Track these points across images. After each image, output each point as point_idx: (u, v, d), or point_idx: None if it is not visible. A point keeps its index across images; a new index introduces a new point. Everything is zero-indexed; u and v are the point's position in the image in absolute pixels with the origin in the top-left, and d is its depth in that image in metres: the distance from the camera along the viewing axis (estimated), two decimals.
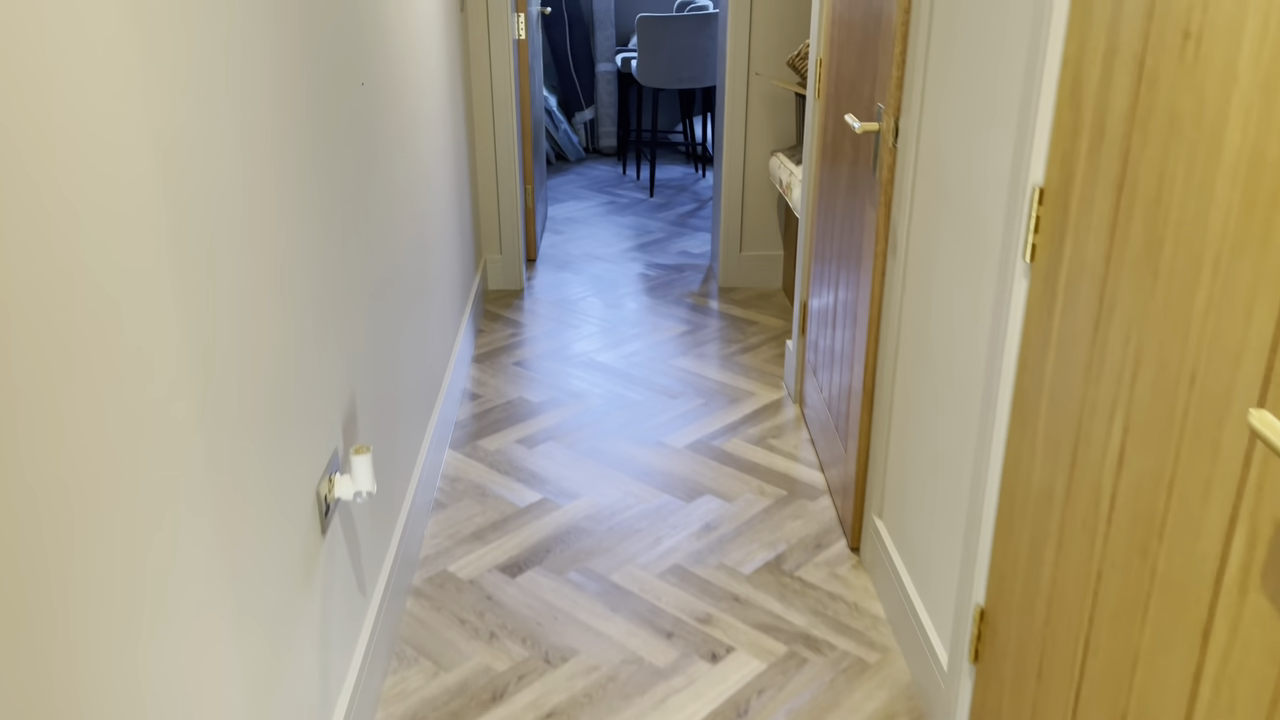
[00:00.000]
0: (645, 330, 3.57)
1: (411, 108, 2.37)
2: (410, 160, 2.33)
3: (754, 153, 3.81)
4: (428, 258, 2.55)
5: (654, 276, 4.13)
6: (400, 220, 2.19)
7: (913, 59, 1.87)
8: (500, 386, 3.13)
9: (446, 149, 2.95)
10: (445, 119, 2.95)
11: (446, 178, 2.93)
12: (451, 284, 2.99)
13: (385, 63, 2.08)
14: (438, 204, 2.75)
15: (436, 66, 2.82)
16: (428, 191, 2.58)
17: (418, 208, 2.43)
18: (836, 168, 2.45)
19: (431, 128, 2.68)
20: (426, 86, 2.62)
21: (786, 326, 3.59)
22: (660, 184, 5.66)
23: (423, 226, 2.48)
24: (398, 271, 2.16)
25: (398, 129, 2.20)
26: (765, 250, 3.96)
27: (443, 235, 2.83)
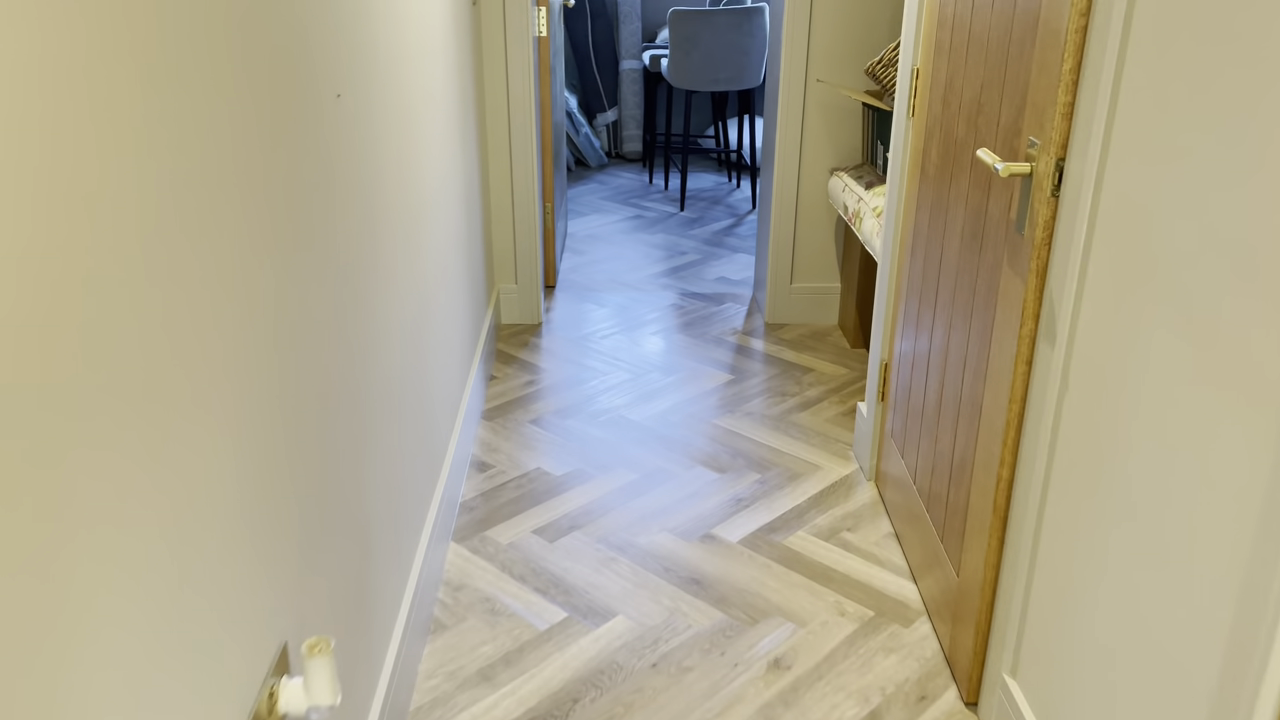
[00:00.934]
0: (681, 379, 3.05)
1: (410, 127, 1.87)
2: (409, 203, 1.83)
3: (810, 170, 3.30)
4: (428, 326, 2.05)
5: (689, 309, 3.62)
6: (395, 299, 1.69)
7: (1092, 78, 1.36)
8: (514, 453, 2.62)
9: (455, 172, 2.45)
10: (454, 134, 2.44)
11: (454, 209, 2.43)
12: (458, 334, 2.49)
13: (373, 68, 1.57)
14: (443, 247, 2.25)
15: (443, 70, 2.31)
16: (431, 237, 2.08)
17: (419, 272, 1.93)
18: (945, 208, 1.93)
19: (437, 149, 2.18)
20: (430, 96, 2.12)
21: (849, 376, 3.08)
22: (691, 195, 5.15)
23: (424, 292, 1.98)
24: (388, 375, 1.66)
25: (391, 158, 1.69)
26: (820, 282, 3.44)
27: (449, 283, 2.33)
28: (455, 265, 2.46)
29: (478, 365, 2.83)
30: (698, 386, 3.01)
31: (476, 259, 2.89)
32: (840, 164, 3.29)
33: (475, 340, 2.86)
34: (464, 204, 2.65)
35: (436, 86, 2.22)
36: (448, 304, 2.33)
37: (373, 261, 1.58)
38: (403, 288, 1.81)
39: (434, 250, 2.16)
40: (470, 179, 2.78)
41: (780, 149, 3.26)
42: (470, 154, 2.78)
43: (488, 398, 2.93)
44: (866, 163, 3.13)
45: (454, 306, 2.43)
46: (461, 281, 2.58)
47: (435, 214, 2.20)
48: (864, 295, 3.21)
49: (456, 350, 2.48)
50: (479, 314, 2.93)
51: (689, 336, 3.38)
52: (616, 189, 5.28)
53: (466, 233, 2.69)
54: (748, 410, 2.86)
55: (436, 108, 2.21)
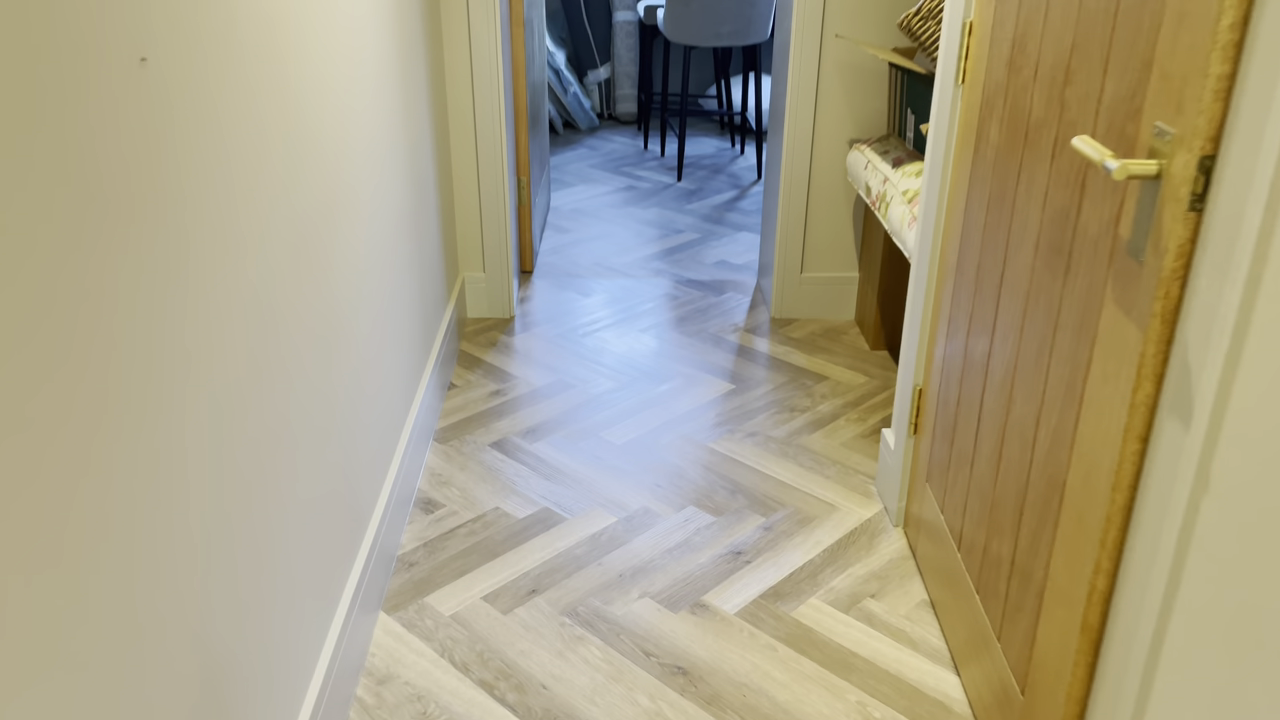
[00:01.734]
0: (674, 389, 2.61)
1: (304, 95, 1.41)
2: (310, 189, 1.38)
3: (825, 142, 2.82)
4: (350, 335, 1.60)
5: (685, 300, 3.16)
6: (287, 309, 1.25)
7: (1271, 37, 0.90)
8: (469, 487, 2.18)
9: (395, 145, 1.99)
10: (391, 100, 1.98)
11: (395, 189, 1.97)
12: (403, 337, 2.04)
13: (221, 17, 1.11)
14: (377, 235, 1.79)
15: (373, 23, 1.84)
16: (351, 226, 1.62)
17: (327, 270, 1.47)
18: (1010, 206, 1.47)
19: (363, 119, 1.72)
20: (345, 56, 1.65)
21: (869, 385, 2.63)
22: (690, 163, 4.66)
23: (338, 295, 1.53)
24: (279, 406, 1.21)
25: (271, 134, 1.24)
26: (835, 271, 2.98)
27: (386, 276, 1.88)
28: (396, 255, 2.01)
29: (431, 372, 2.38)
30: (693, 399, 2.56)
31: (430, 245, 2.44)
32: (861, 135, 2.82)
33: (429, 342, 2.41)
34: (409, 182, 2.19)
35: (360, 44, 1.75)
36: (385, 303, 1.89)
37: (233, 263, 1.13)
38: (301, 292, 1.36)
39: (357, 241, 1.71)
40: (420, 151, 2.32)
41: (791, 117, 2.79)
42: (419, 122, 2.31)
43: (443, 412, 2.49)
44: (893, 134, 2.66)
45: (395, 305, 1.98)
46: (407, 273, 2.13)
47: (360, 198, 1.74)
48: (888, 288, 2.75)
49: (401, 358, 2.04)
50: (434, 310, 2.48)
51: (684, 335, 2.92)
52: (607, 155, 4.80)
53: (414, 215, 2.23)
54: (750, 430, 2.42)
55: (359, 69, 1.75)
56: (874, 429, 2.42)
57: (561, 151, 4.85)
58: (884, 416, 2.48)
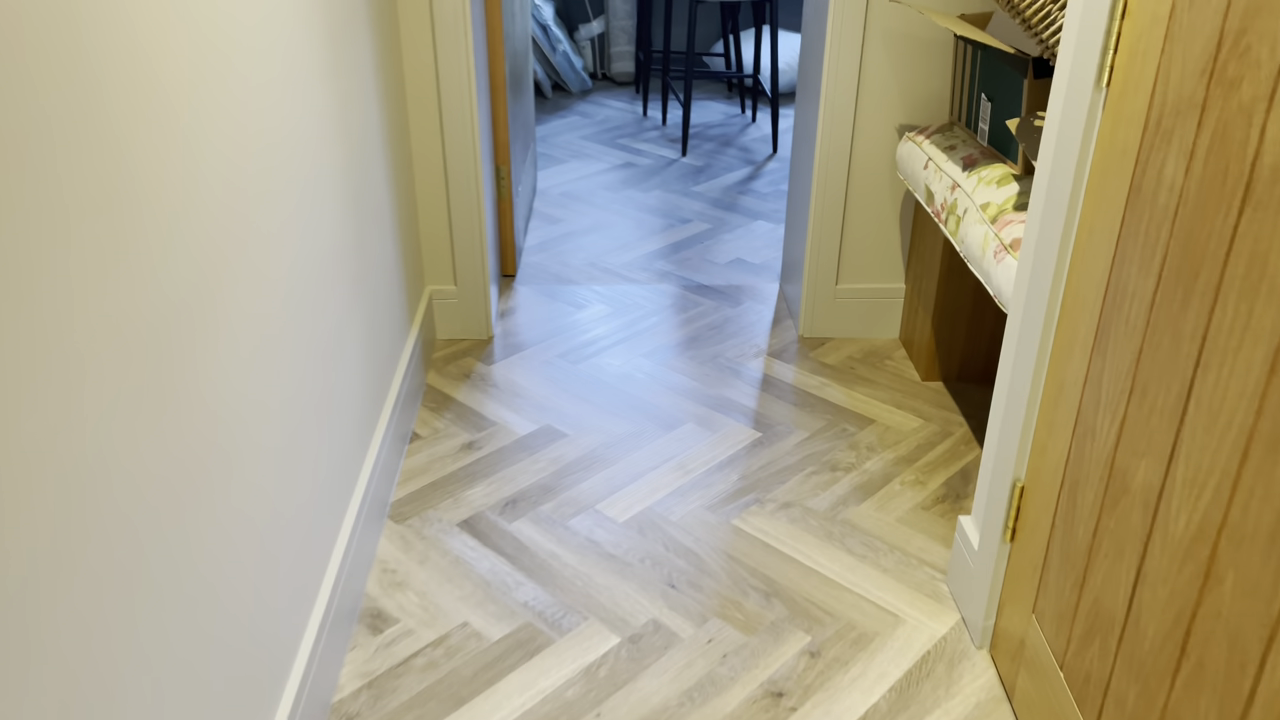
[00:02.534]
0: (690, 438, 2.13)
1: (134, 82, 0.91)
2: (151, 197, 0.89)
3: (869, 128, 2.32)
4: (237, 396, 1.12)
5: (696, 312, 2.67)
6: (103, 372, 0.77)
7: None
8: (430, 590, 1.71)
9: (323, 137, 1.48)
10: (313, 81, 1.47)
11: (323, 191, 1.46)
12: (347, 395, 1.56)
13: None
14: (306, 275, 1.30)
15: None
16: (243, 245, 1.13)
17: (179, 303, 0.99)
18: (1213, 287, 0.98)
19: (264, 103, 1.22)
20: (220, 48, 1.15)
21: (926, 432, 2.15)
22: (696, 133, 4.13)
23: (222, 339, 1.05)
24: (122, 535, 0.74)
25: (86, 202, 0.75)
26: (876, 282, 2.49)
27: (323, 324, 1.38)
28: (328, 291, 1.51)
29: (387, 424, 1.90)
30: (710, 452, 2.08)
31: (383, 263, 1.94)
32: (914, 122, 2.31)
33: (384, 384, 1.93)
34: (347, 193, 1.69)
35: (258, 22, 1.24)
36: (313, 362, 1.40)
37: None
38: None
39: (261, 298, 1.21)
40: (365, 150, 1.81)
41: (827, 95, 2.27)
42: (362, 113, 1.80)
43: (403, 475, 2.01)
44: (957, 123, 2.15)
45: (330, 357, 1.49)
46: (348, 309, 1.64)
47: (266, 236, 1.24)
48: (946, 307, 2.27)
49: (342, 422, 1.55)
50: (391, 341, 1.99)
51: (697, 361, 2.44)
52: (602, 124, 4.26)
53: (356, 231, 1.74)
54: (784, 499, 1.94)
55: (261, 60, 1.24)
56: (937, 497, 1.95)
57: (550, 119, 4.31)
58: (948, 479, 2.01)
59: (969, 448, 2.10)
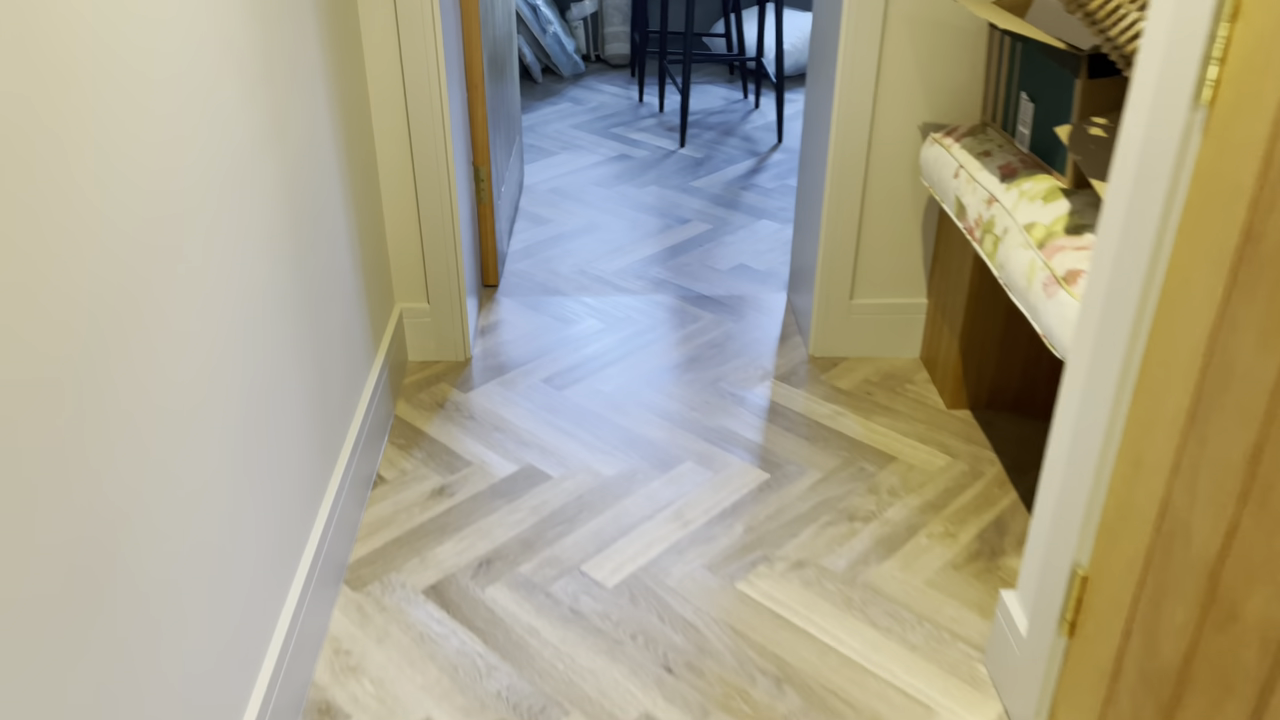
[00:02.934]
0: (689, 480, 1.89)
1: None
2: None
3: (889, 126, 2.06)
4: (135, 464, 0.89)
5: (696, 328, 2.43)
6: None
7: None
8: (389, 678, 1.48)
9: (259, 138, 1.24)
10: (249, 71, 1.22)
11: (256, 201, 1.21)
12: (291, 448, 1.32)
13: None
14: (232, 311, 1.06)
15: None
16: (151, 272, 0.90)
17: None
18: None
19: (174, 99, 0.98)
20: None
21: (953, 472, 1.91)
22: (695, 120, 3.87)
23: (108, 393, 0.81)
24: None
25: None
26: (895, 297, 2.25)
27: (256, 371, 1.14)
28: (259, 309, 1.27)
29: (346, 466, 1.67)
30: (712, 497, 1.85)
31: (339, 277, 1.70)
32: (939, 120, 2.05)
33: (343, 421, 1.69)
34: (280, 198, 1.44)
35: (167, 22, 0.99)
36: (240, 388, 1.16)
37: None
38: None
39: (171, 353, 0.98)
40: (308, 152, 1.56)
41: (842, 87, 2.02)
42: (305, 110, 1.55)
43: (363, 529, 1.78)
44: (991, 124, 1.90)
45: (262, 387, 1.25)
46: (288, 330, 1.40)
47: (175, 277, 1.00)
48: (976, 328, 2.02)
49: (290, 460, 1.32)
50: (350, 371, 1.75)
51: (697, 386, 2.20)
52: (595, 111, 4.00)
53: (294, 243, 1.49)
54: (796, 557, 1.71)
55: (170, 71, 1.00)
56: (970, 553, 1.72)
57: (539, 107, 4.04)
58: (981, 531, 1.77)
59: (1003, 491, 1.87)
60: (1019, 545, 1.74)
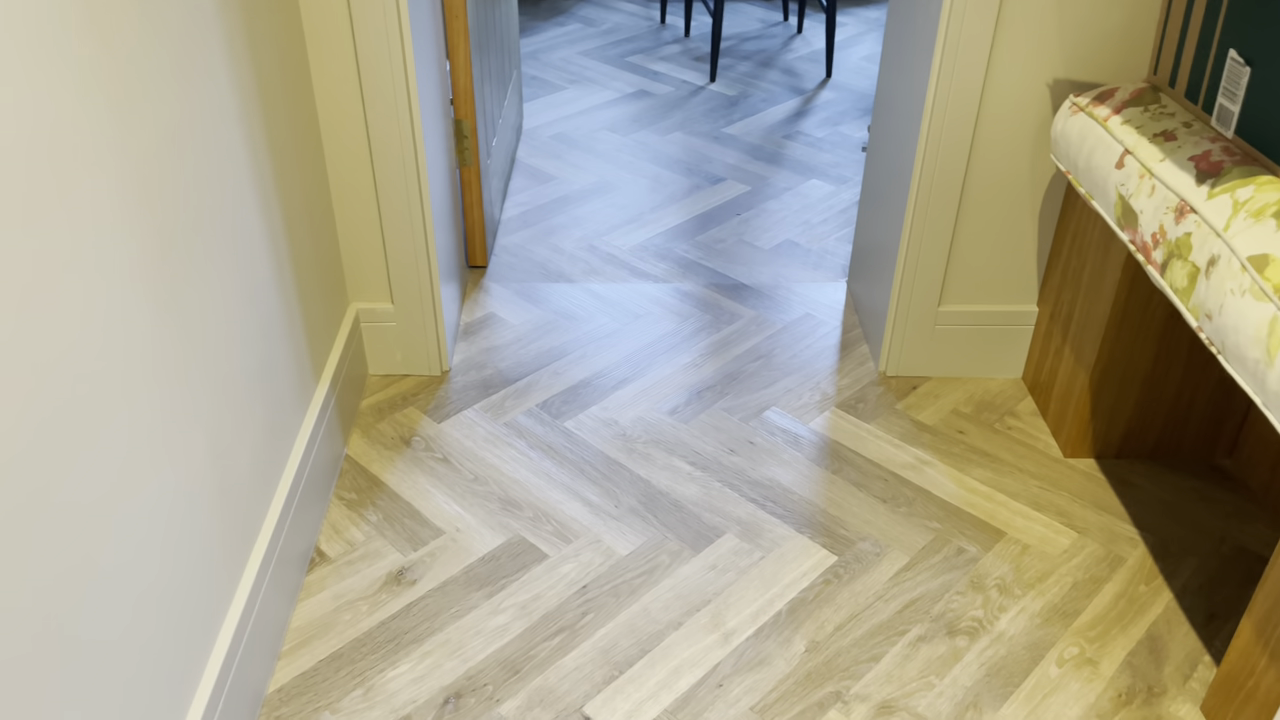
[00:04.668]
0: (730, 560, 1.41)
1: None
2: None
3: (1006, 81, 1.53)
4: None
5: (732, 330, 1.92)
6: None
7: None
8: None
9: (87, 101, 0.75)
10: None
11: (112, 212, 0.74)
12: (194, 524, 0.85)
13: None
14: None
15: None
16: None
17: None
18: None
19: None
20: None
21: (1086, 559, 1.43)
22: (727, 49, 3.30)
23: None
24: None
25: None
26: (996, 303, 1.74)
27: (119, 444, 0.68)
28: (106, 358, 0.79)
29: (271, 542, 1.21)
30: (760, 596, 1.37)
31: (258, 284, 1.20)
32: (1083, 77, 1.51)
33: (269, 478, 1.21)
34: (135, 182, 0.94)
35: None
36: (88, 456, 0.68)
37: None
38: None
39: None
40: (197, 100, 1.05)
41: (949, 23, 1.48)
42: (177, 48, 1.04)
43: (291, 635, 1.31)
44: (1166, 90, 1.36)
45: (119, 457, 0.77)
46: (164, 375, 0.91)
47: None
48: (1117, 354, 1.52)
49: (180, 557, 0.85)
50: (279, 407, 1.27)
51: (735, 417, 1.71)
52: (610, 34, 3.42)
53: (159, 240, 1.00)
54: (879, 696, 1.24)
55: None
56: (1118, 691, 1.25)
57: (542, 29, 3.46)
58: (1129, 655, 1.30)
59: (1152, 590, 1.39)
60: (1184, 679, 1.27)
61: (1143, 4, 1.46)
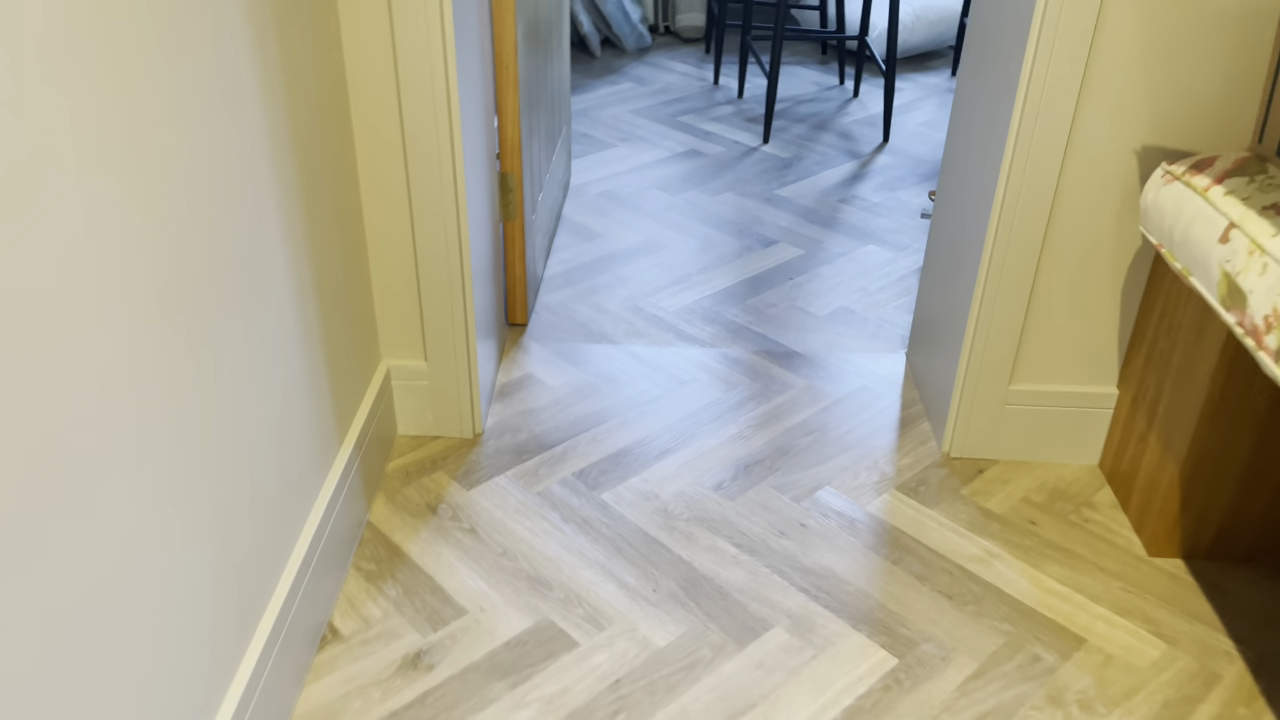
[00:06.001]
0: (779, 659, 1.28)
1: None
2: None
3: (1090, 146, 1.42)
4: None
5: (783, 400, 1.81)
6: None
7: None
8: None
9: None
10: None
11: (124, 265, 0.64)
12: (195, 624, 0.75)
13: None
14: None
15: None
16: None
17: None
18: None
19: None
20: None
21: (1178, 675, 1.28)
22: (782, 109, 3.23)
23: None
24: None
25: None
26: (1072, 384, 1.61)
27: None
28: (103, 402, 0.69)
29: (278, 620, 1.10)
30: (813, 700, 1.24)
31: (282, 341, 1.11)
32: (1174, 144, 1.40)
33: (279, 548, 1.11)
34: (149, 214, 0.85)
35: None
36: None
37: None
38: None
39: None
40: (217, 152, 0.97)
41: (1033, 82, 1.38)
42: (213, 103, 0.96)
43: None
44: (1274, 158, 1.24)
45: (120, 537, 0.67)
46: (176, 441, 0.81)
47: None
48: (1210, 446, 1.38)
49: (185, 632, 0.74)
50: (296, 468, 1.17)
51: (786, 496, 1.58)
52: (662, 94, 3.36)
53: (198, 309, 0.90)
54: None
55: None
56: None
57: (595, 87, 3.42)
58: None
59: (1254, 715, 1.23)
60: None
61: (1240, 68, 1.35)
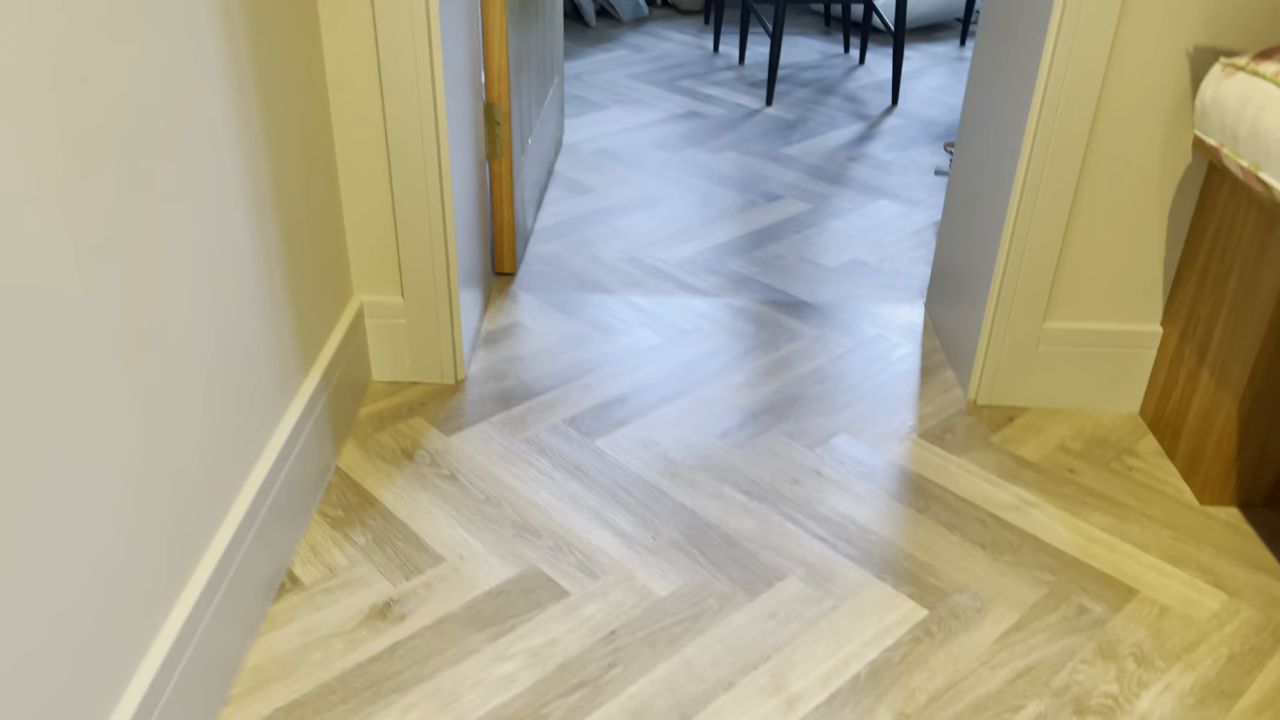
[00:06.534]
0: (793, 609, 1.14)
1: None
2: None
3: (1134, 52, 1.29)
4: None
5: (793, 348, 1.67)
6: None
7: None
8: None
9: None
10: None
11: None
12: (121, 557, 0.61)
13: None
14: None
15: None
16: None
17: None
18: None
19: None
20: None
21: (1242, 625, 1.14)
22: (785, 75, 3.10)
23: None
24: None
25: None
26: (1112, 322, 1.47)
27: None
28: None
29: (220, 561, 0.95)
30: (833, 655, 1.09)
31: (234, 253, 0.96)
32: (1230, 43, 1.27)
33: (227, 487, 0.96)
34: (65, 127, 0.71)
35: None
36: None
37: None
38: None
39: None
40: (160, 51, 0.83)
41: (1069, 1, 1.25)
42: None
43: (241, 677, 1.05)
44: None
45: None
46: (97, 352, 0.67)
47: None
48: (1270, 383, 1.25)
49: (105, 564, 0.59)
50: (247, 403, 1.02)
51: (797, 443, 1.44)
52: (659, 60, 3.23)
53: (90, 203, 0.76)
54: None
55: None
56: None
57: (589, 53, 3.29)
58: None
59: None
60: None
61: None
